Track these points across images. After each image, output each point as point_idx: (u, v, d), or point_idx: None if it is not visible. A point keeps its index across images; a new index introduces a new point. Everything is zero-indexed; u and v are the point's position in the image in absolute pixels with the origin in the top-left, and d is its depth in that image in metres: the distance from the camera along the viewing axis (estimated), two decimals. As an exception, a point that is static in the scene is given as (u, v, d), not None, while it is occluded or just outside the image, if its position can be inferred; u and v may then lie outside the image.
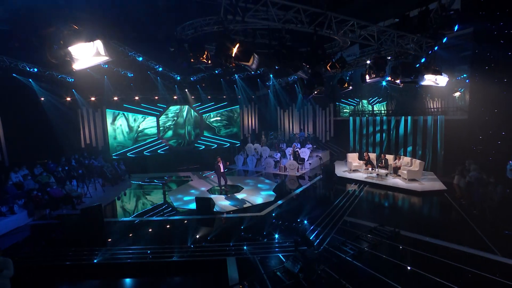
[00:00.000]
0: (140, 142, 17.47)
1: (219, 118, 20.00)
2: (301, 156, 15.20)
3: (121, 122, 16.76)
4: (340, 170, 13.52)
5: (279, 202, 9.85)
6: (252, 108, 21.23)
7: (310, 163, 15.01)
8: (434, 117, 13.00)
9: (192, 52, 5.94)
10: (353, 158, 13.67)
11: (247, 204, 9.70)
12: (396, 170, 11.77)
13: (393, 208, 9.54)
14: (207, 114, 19.45)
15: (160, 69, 14.86)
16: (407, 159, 11.98)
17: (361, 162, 13.14)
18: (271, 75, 17.38)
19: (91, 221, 7.64)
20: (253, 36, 9.22)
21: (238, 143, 19.37)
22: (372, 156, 13.22)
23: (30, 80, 12.47)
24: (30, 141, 12.63)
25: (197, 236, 7.23)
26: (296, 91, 19.04)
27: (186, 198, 10.60)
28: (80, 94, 14.99)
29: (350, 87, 9.47)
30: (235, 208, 9.39)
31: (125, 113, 16.85)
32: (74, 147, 14.82)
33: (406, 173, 10.91)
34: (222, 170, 11.14)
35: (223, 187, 11.40)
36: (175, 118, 18.56)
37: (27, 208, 8.64)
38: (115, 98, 15.86)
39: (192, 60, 5.99)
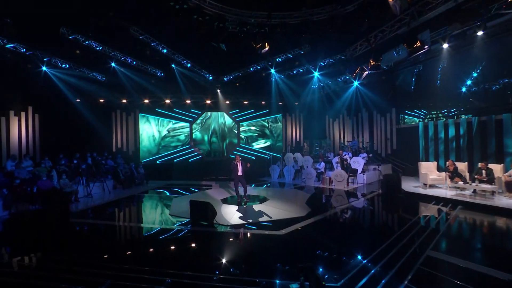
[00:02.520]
0: (170, 150, 16.31)
1: (253, 128, 17.77)
2: (353, 167, 11.60)
3: (149, 127, 15.94)
4: (410, 185, 9.52)
5: (312, 219, 6.63)
6: (296, 117, 18.49)
7: (362, 173, 11.21)
8: None
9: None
10: (428, 168, 9.56)
11: (265, 218, 6.74)
12: (510, 186, 7.38)
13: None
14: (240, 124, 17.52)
15: (189, 65, 13.47)
16: (529, 169, 7.50)
17: (443, 174, 8.98)
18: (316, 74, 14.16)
19: (50, 220, 5.78)
20: None
21: (279, 156, 16.59)
22: (461, 166, 8.94)
23: (57, 74, 12.05)
24: (63, 141, 12.26)
25: (161, 258, 4.62)
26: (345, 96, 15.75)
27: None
28: (112, 95, 14.56)
29: (426, 47, 6.19)
30: (245, 222, 6.53)
31: (154, 117, 16.03)
32: (106, 150, 14.04)
33: (535, 190, 6.55)
34: (240, 173, 8.50)
35: (241, 196, 8.67)
36: (202, 124, 17.04)
37: (6, 199, 7.35)
38: (146, 101, 15.16)
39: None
